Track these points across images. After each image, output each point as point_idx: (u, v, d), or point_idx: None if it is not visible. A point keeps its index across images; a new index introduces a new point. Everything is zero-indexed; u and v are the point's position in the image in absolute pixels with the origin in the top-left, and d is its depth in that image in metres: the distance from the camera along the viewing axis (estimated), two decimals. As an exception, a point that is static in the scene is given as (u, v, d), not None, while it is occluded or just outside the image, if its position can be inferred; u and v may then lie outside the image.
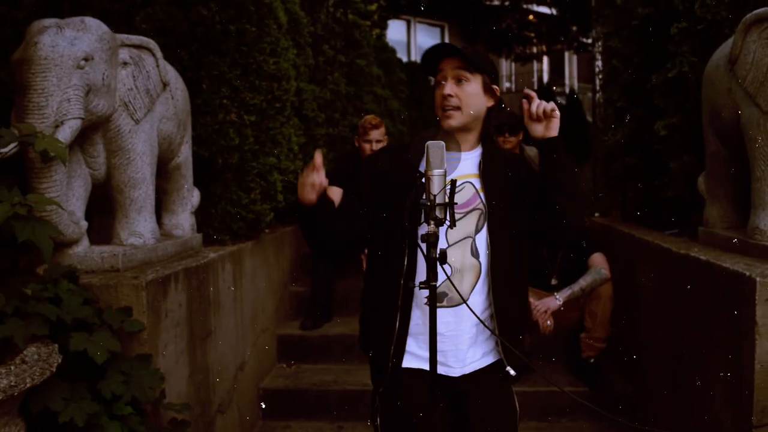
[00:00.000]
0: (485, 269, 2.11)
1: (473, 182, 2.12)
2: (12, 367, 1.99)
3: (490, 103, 2.16)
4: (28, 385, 2.02)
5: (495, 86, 2.16)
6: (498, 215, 2.10)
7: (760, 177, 2.93)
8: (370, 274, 2.23)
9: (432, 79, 2.20)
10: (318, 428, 4.15)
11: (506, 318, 2.14)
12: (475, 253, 2.10)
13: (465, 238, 2.08)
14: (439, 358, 1.94)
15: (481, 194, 2.12)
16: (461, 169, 2.11)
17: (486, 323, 2.12)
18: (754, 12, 2.97)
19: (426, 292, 1.99)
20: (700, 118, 3.49)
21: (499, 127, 4.77)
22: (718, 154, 3.36)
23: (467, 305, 1.96)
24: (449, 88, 2.09)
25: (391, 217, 2.09)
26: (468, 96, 2.09)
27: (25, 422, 2.16)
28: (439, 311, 1.95)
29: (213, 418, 3.45)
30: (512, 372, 2.16)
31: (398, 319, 2.08)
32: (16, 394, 1.98)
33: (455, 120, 2.10)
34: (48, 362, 2.11)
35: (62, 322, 2.33)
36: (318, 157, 2.11)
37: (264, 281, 4.54)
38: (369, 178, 2.22)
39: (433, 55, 2.14)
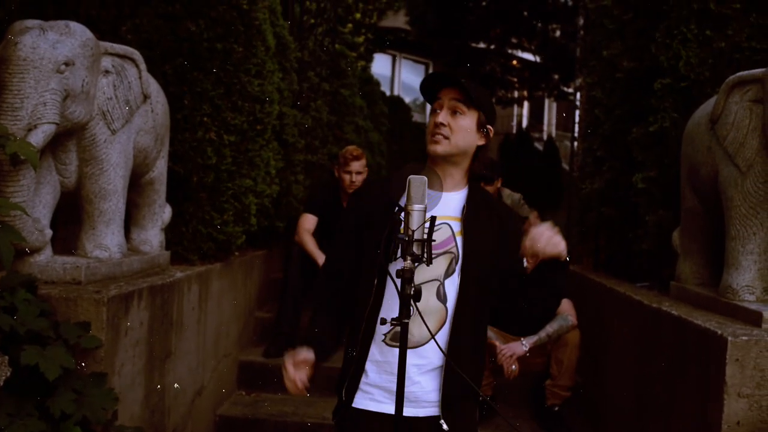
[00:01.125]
0: (451, 315, 2.05)
1: (451, 224, 2.04)
2: (-43, 378, 1.89)
3: (482, 141, 2.10)
4: (-28, 398, 1.92)
5: (489, 126, 2.12)
6: (472, 263, 2.03)
7: (735, 236, 2.95)
8: (351, 310, 2.16)
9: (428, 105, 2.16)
10: (273, 460, 4.04)
11: (471, 367, 2.04)
12: (442, 298, 2.02)
13: (432, 281, 2.01)
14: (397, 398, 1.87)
15: (458, 238, 2.04)
16: (440, 209, 2.03)
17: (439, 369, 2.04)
18: (737, 74, 3.02)
19: (385, 329, 1.94)
20: (678, 174, 3.52)
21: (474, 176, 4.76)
22: (694, 210, 3.38)
23: (436, 342, 1.89)
24: (443, 116, 2.05)
25: (366, 252, 2.04)
26: (459, 128, 2.04)
27: (-35, 437, 2.05)
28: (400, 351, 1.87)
29: (165, 444, 3.33)
30: (445, 426, 2.06)
31: (357, 354, 2.02)
32: (-42, 406, 1.87)
33: (442, 147, 2.04)
34: (-4, 375, 2.01)
35: (15, 332, 2.23)
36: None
37: (230, 305, 4.43)
38: (353, 216, 2.15)
39: (433, 81, 2.10)
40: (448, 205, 2.06)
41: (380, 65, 16.64)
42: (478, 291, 2.05)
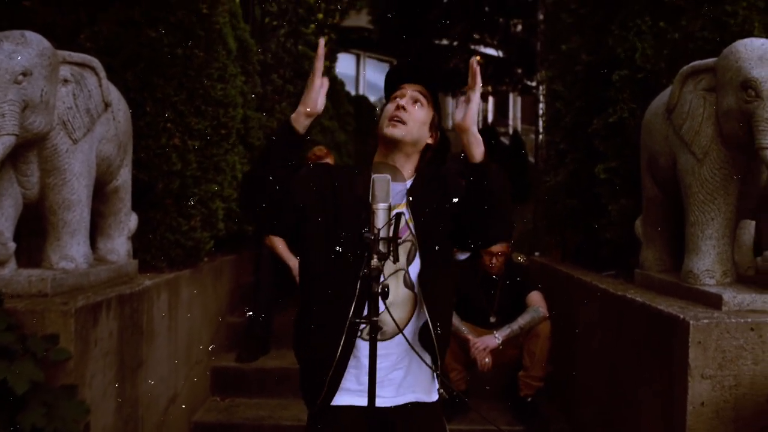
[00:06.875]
0: (421, 299, 2.08)
1: (403, 212, 2.03)
2: None
3: (430, 140, 2.16)
4: (-61, 416, 1.89)
5: (437, 132, 2.18)
6: (430, 246, 2.08)
7: (695, 222, 3.03)
8: (308, 302, 2.15)
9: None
10: (251, 464, 4.04)
11: (444, 346, 2.13)
12: (409, 285, 2.08)
13: (398, 271, 2.05)
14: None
15: (410, 225, 2.09)
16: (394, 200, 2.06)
17: (423, 353, 2.09)
18: (691, 64, 3.10)
19: (361, 326, 1.96)
20: (639, 163, 3.60)
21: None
22: (655, 198, 3.46)
23: (404, 336, 1.92)
24: (405, 101, 2.10)
25: (342, 248, 2.04)
26: (417, 118, 2.11)
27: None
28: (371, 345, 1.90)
29: (140, 453, 3.31)
30: (444, 394, 2.13)
31: (338, 354, 2.03)
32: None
33: (399, 131, 2.08)
34: (-37, 391, 1.99)
35: (-19, 348, 2.20)
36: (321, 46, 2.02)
37: (200, 311, 4.42)
38: (314, 182, 2.12)
39: (401, 75, 2.16)
40: (396, 194, 2.05)
41: (344, 65, 16.65)
42: (440, 267, 2.10)
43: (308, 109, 2.00)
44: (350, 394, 2.06)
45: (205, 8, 4.01)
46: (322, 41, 2.03)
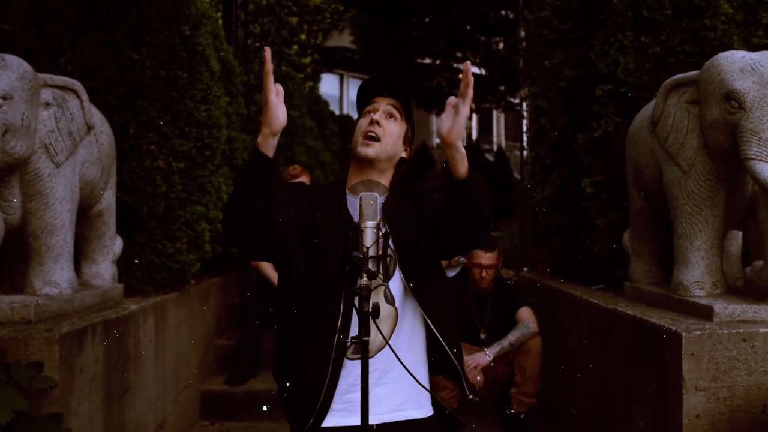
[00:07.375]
0: (402, 315, 2.05)
1: (381, 227, 1.97)
2: None
3: (404, 154, 2.15)
4: None
5: (411, 144, 2.17)
6: (409, 259, 2.05)
7: (683, 234, 3.03)
8: (290, 322, 2.10)
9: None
10: (241, 490, 3.97)
11: (459, 355, 2.09)
12: (390, 300, 2.04)
13: (378, 286, 2.01)
14: (354, 407, 1.87)
15: (389, 240, 2.04)
16: None
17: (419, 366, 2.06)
18: (674, 77, 3.12)
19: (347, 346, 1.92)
20: (625, 177, 3.61)
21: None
22: (642, 211, 3.47)
23: (392, 349, 1.88)
24: (379, 116, 2.07)
25: (324, 267, 2.01)
26: (391, 132, 2.08)
27: None
28: (357, 363, 1.86)
29: (128, 482, 3.23)
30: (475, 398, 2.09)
31: (329, 375, 1.99)
32: None
33: (373, 149, 2.05)
34: (-56, 423, 1.94)
35: (-37, 378, 2.15)
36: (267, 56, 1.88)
37: (188, 334, 4.35)
38: (292, 201, 2.07)
39: (376, 86, 2.13)
40: None
41: (328, 85, 16.72)
42: (430, 277, 2.07)
43: (271, 130, 1.90)
44: (337, 414, 2.02)
45: (187, 30, 4.00)
46: (268, 50, 1.89)
